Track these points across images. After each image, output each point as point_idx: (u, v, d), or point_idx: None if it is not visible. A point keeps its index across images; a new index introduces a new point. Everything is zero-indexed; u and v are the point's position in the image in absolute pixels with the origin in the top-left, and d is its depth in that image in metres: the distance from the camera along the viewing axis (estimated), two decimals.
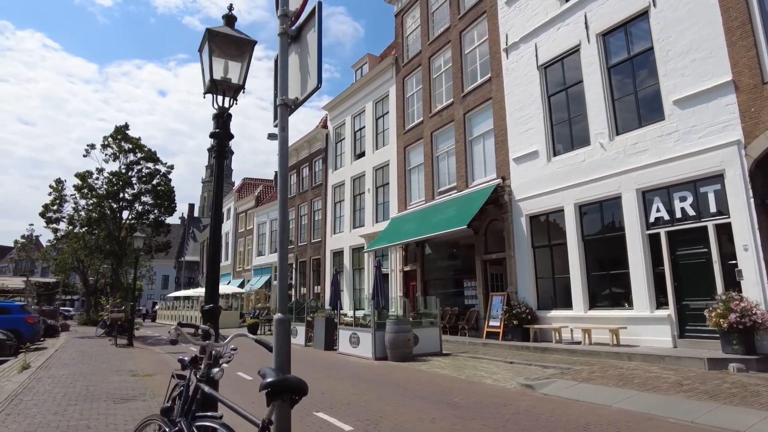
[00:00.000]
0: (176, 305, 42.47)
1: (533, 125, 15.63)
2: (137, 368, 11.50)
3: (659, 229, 11.90)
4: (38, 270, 54.66)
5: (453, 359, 12.50)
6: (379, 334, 13.01)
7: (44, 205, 27.09)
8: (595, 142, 13.70)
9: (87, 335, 23.25)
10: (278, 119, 3.22)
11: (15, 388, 8.31)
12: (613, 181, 13.04)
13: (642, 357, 10.44)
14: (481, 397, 7.77)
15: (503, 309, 15.06)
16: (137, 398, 7.75)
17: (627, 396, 7.15)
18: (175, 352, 16.22)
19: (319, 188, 30.56)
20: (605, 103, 13.51)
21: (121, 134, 27.19)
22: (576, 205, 14.00)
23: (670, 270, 11.53)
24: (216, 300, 3.95)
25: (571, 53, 14.72)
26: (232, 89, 4.35)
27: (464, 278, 18.45)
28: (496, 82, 17.27)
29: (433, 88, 21.07)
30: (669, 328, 11.37)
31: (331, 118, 30.29)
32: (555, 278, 14.83)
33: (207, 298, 3.95)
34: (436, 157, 20.44)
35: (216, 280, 3.99)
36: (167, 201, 28.01)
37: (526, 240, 15.39)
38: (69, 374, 10.33)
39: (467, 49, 19.25)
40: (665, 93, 11.96)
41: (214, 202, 4.14)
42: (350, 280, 25.80)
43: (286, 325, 2.62)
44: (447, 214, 17.70)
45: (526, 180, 15.61)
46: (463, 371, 10.52)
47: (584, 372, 9.35)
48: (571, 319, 13.75)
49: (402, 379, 9.45)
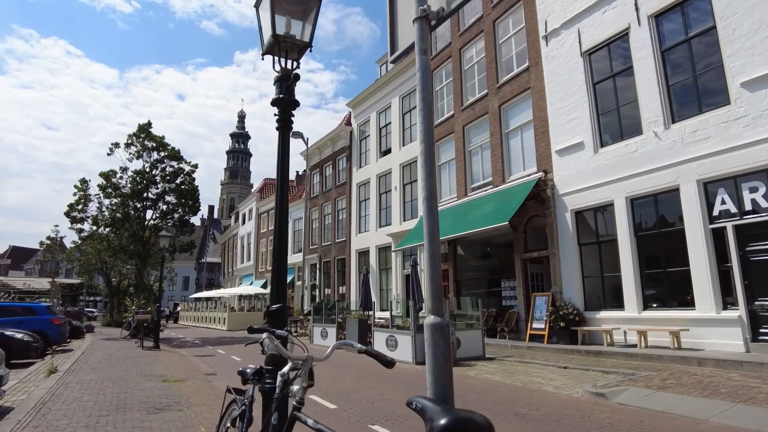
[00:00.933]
0: (198, 306, 42.20)
1: (577, 115, 14.75)
2: (167, 373, 10.92)
3: (725, 223, 10.96)
4: (62, 271, 55.05)
5: (500, 364, 11.70)
6: (419, 337, 12.26)
7: (69, 205, 26.91)
8: (648, 130, 12.78)
9: (112, 337, 22.91)
10: (417, 38, 2.54)
11: (43, 395, 7.74)
12: (669, 172, 12.11)
13: (715, 362, 9.52)
14: (550, 407, 6.98)
15: (548, 310, 14.19)
16: (172, 407, 7.12)
17: (723, 408, 6.29)
18: (202, 355, 15.68)
19: (343, 187, 29.92)
20: (659, 89, 12.59)
21: (145, 132, 26.87)
22: (627, 199, 13.09)
23: (739, 267, 10.57)
24: (284, 298, 3.26)
25: (618, 37, 13.82)
26: (297, 48, 3.66)
27: (501, 278, 17.61)
28: (535, 71, 16.41)
29: (464, 80, 20.27)
30: (740, 330, 10.42)
31: (355, 115, 29.64)
32: (604, 277, 13.92)
33: (273, 297, 3.26)
34: (468, 152, 19.63)
35: (283, 274, 3.30)
36: (191, 200, 27.61)
37: (572, 237, 14.50)
38: (98, 379, 9.78)
39: (502, 39, 18.42)
40: (731, 75, 11.01)
41: (279, 183, 3.46)
42: (377, 281, 25.08)
43: (445, 335, 1.89)
44: (483, 210, 16.88)
45: (570, 173, 14.73)
46: (516, 377, 9.72)
47: (655, 379, 8.49)
48: (623, 320, 12.85)
49: (456, 387, 8.68)
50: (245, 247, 48.41)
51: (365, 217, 27.61)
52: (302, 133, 27.14)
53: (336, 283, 30.09)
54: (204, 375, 10.97)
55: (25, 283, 34.96)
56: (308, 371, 2.16)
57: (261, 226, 44.26)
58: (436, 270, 1.88)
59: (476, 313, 13.97)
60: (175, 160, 27.54)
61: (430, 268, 1.87)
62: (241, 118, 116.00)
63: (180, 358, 14.72)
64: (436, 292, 1.88)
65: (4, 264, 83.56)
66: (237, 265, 50.56)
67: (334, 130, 31.79)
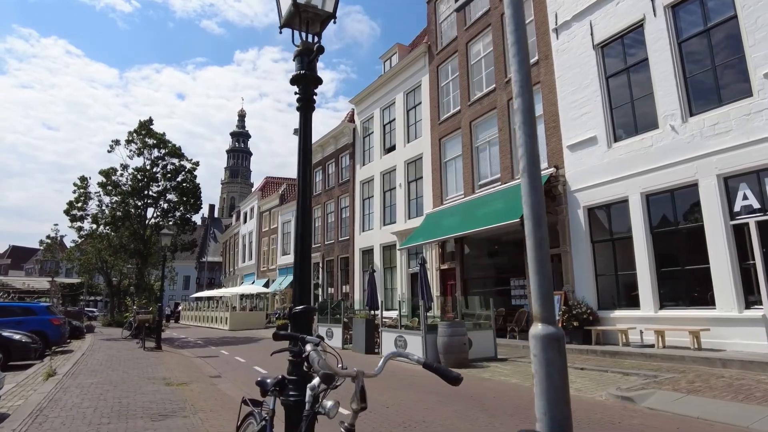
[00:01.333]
0: (200, 306, 41.82)
1: (589, 109, 14.36)
2: (170, 375, 10.54)
3: (747, 219, 10.57)
4: (62, 271, 54.65)
5: (514, 365, 11.32)
6: (429, 338, 11.90)
7: (69, 203, 26.52)
8: (664, 124, 12.39)
9: (113, 337, 22.54)
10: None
11: (40, 401, 7.37)
12: (687, 167, 11.72)
13: (740, 363, 9.14)
14: (576, 412, 6.56)
15: (561, 309, 13.81)
16: (177, 413, 6.74)
17: (763, 414, 5.92)
18: (205, 356, 15.30)
19: (347, 185, 29.51)
20: (676, 82, 12.20)
21: (146, 129, 26.45)
22: (643, 195, 12.71)
23: (762, 265, 10.18)
24: (308, 299, 2.89)
25: (633, 29, 13.42)
26: (320, 19, 3.28)
27: (510, 276, 17.22)
28: (545, 65, 16.02)
29: (471, 75, 19.88)
30: (764, 330, 10.03)
31: (358, 111, 29.24)
32: (618, 275, 13.54)
33: (297, 297, 2.88)
34: (475, 148, 19.24)
35: (307, 271, 2.92)
36: (193, 198, 27.20)
37: (584, 234, 14.12)
38: (98, 383, 9.41)
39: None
40: (753, 66, 10.62)
41: (301, 170, 3.08)
42: (381, 280, 24.68)
43: (561, 348, 1.50)
44: (492, 207, 16.50)
45: (582, 169, 14.34)
46: (532, 380, 9.33)
47: (681, 381, 8.11)
48: (638, 319, 12.47)
49: (471, 390, 8.31)
50: (247, 246, 48.02)
51: (369, 215, 27.23)
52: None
53: (339, 282, 29.71)
54: (208, 377, 10.60)
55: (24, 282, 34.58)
56: (360, 390, 1.76)
57: (263, 224, 43.87)
58: (545, 264, 1.48)
59: (487, 312, 13.60)
60: (176, 158, 27.12)
61: (537, 261, 1.48)
62: (241, 117, 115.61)
63: (183, 360, 14.35)
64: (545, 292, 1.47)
65: (4, 264, 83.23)
66: (238, 265, 50.17)
67: (336, 127, 31.38)
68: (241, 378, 10.62)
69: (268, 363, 13.12)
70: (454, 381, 1.75)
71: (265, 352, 16.02)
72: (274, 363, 13.34)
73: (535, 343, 1.43)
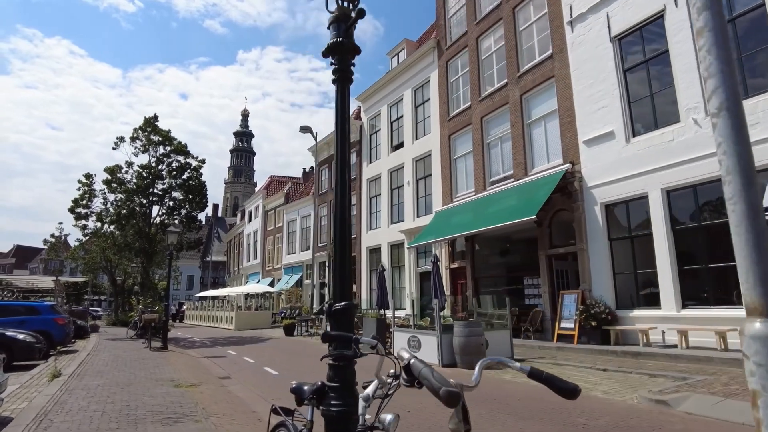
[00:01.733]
0: (205, 305, 41.54)
1: (607, 103, 13.98)
2: (178, 376, 10.22)
3: None
4: (67, 270, 54.49)
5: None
6: (445, 338, 11.55)
7: (73, 200, 26.23)
8: (686, 118, 12.01)
9: (118, 337, 22.25)
10: None
11: (44, 404, 7.05)
12: (711, 162, 11.30)
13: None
14: (610, 416, 6.24)
15: (578, 309, 13.44)
16: (188, 418, 6.41)
17: None
18: (213, 356, 14.98)
19: (353, 183, 29.13)
20: (699, 74, 11.79)
21: (151, 126, 26.14)
22: (663, 191, 12.33)
23: None
24: (349, 295, 2.54)
25: (652, 20, 13.05)
26: None
27: (523, 275, 16.85)
28: (560, 59, 15.64)
29: (482, 70, 19.51)
30: None
31: (365, 109, 28.90)
32: (637, 273, 13.17)
33: (337, 294, 2.53)
34: (487, 144, 18.87)
35: (347, 263, 2.58)
36: (198, 196, 26.86)
37: (602, 231, 13.74)
38: (105, 384, 9.08)
39: (522, 26, 17.65)
40: None
41: (338, 149, 2.74)
42: (389, 279, 24.32)
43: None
44: (506, 204, 16.13)
45: (599, 164, 13.96)
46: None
47: (715, 384, 7.73)
48: (660, 319, 12.09)
49: (493, 393, 7.95)
50: (251, 245, 47.73)
51: (376, 213, 26.90)
52: (311, 128, 26.45)
53: None
54: (218, 379, 10.26)
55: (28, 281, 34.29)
56: (462, 408, 1.41)
57: (267, 223, 43.57)
58: (763, 235, 1.13)
59: (502, 312, 13.23)
60: (182, 155, 26.78)
61: (751, 232, 1.13)
62: (244, 116, 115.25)
63: (190, 360, 14.03)
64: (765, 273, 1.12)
65: (8, 263, 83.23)
66: (243, 264, 49.89)
67: None
68: (252, 379, 10.30)
69: (277, 364, 12.80)
70: (571, 394, 1.40)
71: (272, 352, 15.68)
72: (285, 364, 13.03)
73: (759, 347, 1.06)
